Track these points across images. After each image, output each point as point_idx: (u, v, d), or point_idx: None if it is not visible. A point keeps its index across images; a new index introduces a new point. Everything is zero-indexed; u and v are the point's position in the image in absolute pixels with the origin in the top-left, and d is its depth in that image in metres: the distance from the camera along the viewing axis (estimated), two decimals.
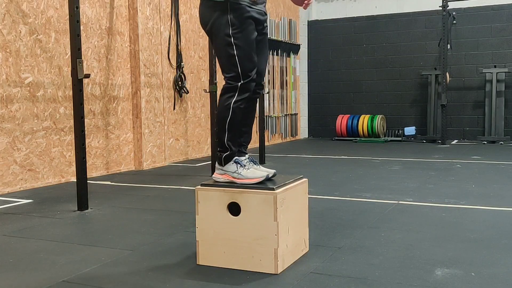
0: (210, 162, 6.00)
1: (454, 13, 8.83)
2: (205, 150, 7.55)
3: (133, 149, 6.31)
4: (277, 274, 2.48)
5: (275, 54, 9.45)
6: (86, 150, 4.38)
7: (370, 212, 3.80)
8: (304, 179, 2.85)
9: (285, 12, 9.86)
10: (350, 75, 10.26)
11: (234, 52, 2.58)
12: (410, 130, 9.43)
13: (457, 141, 9.31)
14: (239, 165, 2.64)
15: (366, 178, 5.31)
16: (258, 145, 6.66)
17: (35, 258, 2.81)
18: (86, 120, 5.43)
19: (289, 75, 9.98)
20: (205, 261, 2.64)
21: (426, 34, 9.62)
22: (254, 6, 2.63)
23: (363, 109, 10.14)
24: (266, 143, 8.46)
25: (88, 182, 4.08)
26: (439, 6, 8.74)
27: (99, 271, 2.58)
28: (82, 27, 5.48)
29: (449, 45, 8.72)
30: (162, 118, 6.59)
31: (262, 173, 2.64)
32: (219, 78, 6.34)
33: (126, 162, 6.21)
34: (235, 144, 2.67)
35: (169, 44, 6.71)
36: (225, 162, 2.66)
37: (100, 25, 5.81)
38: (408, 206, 3.97)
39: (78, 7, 3.91)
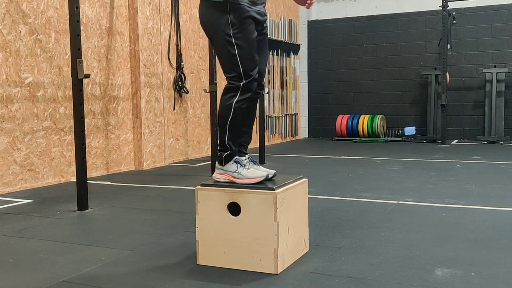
0: (210, 162, 6.00)
1: (454, 13, 8.83)
2: (205, 150, 7.55)
3: (133, 149, 6.31)
4: (277, 274, 2.48)
5: (275, 54, 9.45)
6: (86, 150, 4.38)
7: (370, 212, 3.80)
8: (304, 179, 2.84)
9: (285, 12, 9.86)
10: (350, 75, 10.26)
11: (235, 51, 2.58)
12: (410, 130, 9.43)
13: (457, 141, 9.32)
14: (239, 164, 2.63)
15: (366, 178, 5.31)
16: (258, 145, 6.66)
17: (35, 258, 2.81)
18: (86, 120, 5.43)
19: (289, 75, 9.98)
20: (205, 261, 2.64)
21: (426, 34, 9.62)
22: (254, 6, 2.63)
23: (363, 109, 10.14)
24: (266, 143, 8.46)
25: (88, 182, 4.08)
26: (439, 6, 8.74)
27: (99, 271, 2.58)
28: (82, 27, 5.48)
29: (449, 45, 8.72)
30: (162, 118, 6.59)
31: (262, 173, 2.64)
32: (219, 78, 6.35)
33: (126, 162, 6.21)
34: (236, 144, 2.67)
35: (169, 44, 6.71)
36: (225, 161, 2.66)
37: (100, 25, 5.81)
38: (408, 206, 3.97)
39: (78, 7, 3.91)
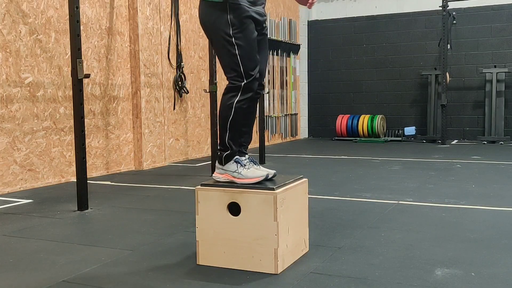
0: (210, 162, 6.00)
1: (454, 13, 8.83)
2: (205, 150, 7.55)
3: (133, 149, 6.31)
4: (277, 274, 2.48)
5: (275, 54, 9.45)
6: (86, 150, 4.38)
7: (370, 212, 3.79)
8: (304, 179, 2.84)
9: (285, 12, 9.86)
10: (350, 75, 10.26)
11: (236, 51, 2.57)
12: (410, 130, 9.43)
13: (457, 141, 9.31)
14: (239, 164, 2.63)
15: (366, 178, 5.31)
16: (258, 145, 6.66)
17: (35, 258, 2.81)
18: (86, 120, 5.43)
19: (289, 75, 9.98)
20: (205, 261, 2.64)
21: (426, 34, 9.62)
22: (253, 6, 2.63)
23: (363, 109, 10.14)
24: (266, 143, 8.46)
25: (88, 182, 4.08)
26: (439, 6, 8.74)
27: (99, 271, 2.58)
28: (82, 27, 5.48)
29: (449, 45, 8.72)
30: (162, 118, 6.59)
31: (262, 172, 2.64)
32: (219, 78, 6.35)
33: (126, 162, 6.21)
34: (236, 143, 2.67)
35: (169, 44, 6.71)
36: (225, 161, 2.66)
37: (100, 25, 5.81)
38: (408, 206, 3.97)
39: (78, 7, 3.91)
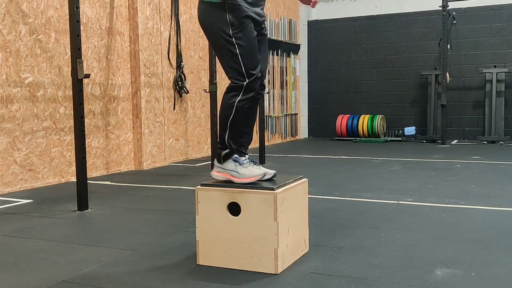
0: (210, 162, 6.00)
1: (454, 13, 8.83)
2: (205, 150, 7.55)
3: (133, 149, 6.31)
4: (277, 274, 2.48)
5: (275, 54, 9.45)
6: (86, 150, 4.38)
7: (370, 212, 3.79)
8: (304, 179, 2.84)
9: (285, 12, 9.85)
10: (350, 75, 10.26)
11: (237, 51, 2.58)
12: (410, 130, 9.43)
13: (457, 141, 9.32)
14: (238, 163, 2.64)
15: (366, 178, 5.31)
16: (258, 145, 6.66)
17: (35, 258, 2.81)
18: (86, 120, 5.43)
19: (289, 75, 9.98)
20: (205, 261, 2.64)
21: (426, 34, 9.62)
22: (251, 7, 2.64)
23: (363, 109, 10.14)
24: (266, 143, 8.46)
25: (88, 182, 4.07)
26: (439, 6, 8.74)
27: (99, 271, 2.58)
28: (82, 27, 5.48)
29: (449, 45, 8.71)
30: (162, 118, 6.59)
31: (260, 171, 2.64)
32: (219, 78, 6.35)
33: (126, 162, 6.21)
34: (236, 142, 2.67)
35: (169, 44, 6.71)
36: (224, 160, 2.67)
37: (100, 25, 5.81)
38: (408, 206, 3.97)
39: (78, 7, 3.91)
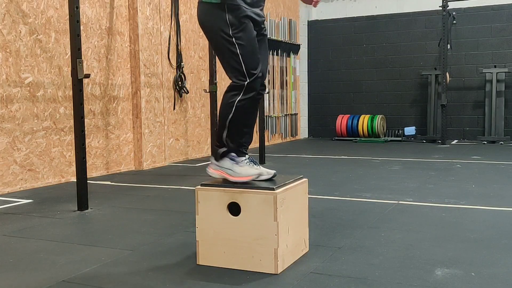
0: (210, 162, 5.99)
1: (454, 13, 8.83)
2: (205, 150, 7.55)
3: (133, 149, 6.31)
4: (277, 274, 2.48)
5: (275, 54, 9.45)
6: (86, 150, 4.38)
7: (370, 212, 3.79)
8: (304, 179, 2.84)
9: (285, 12, 9.85)
10: (350, 75, 10.26)
11: (237, 51, 2.58)
12: (410, 130, 9.43)
13: (457, 141, 9.31)
14: (234, 162, 2.66)
15: (366, 178, 5.31)
16: (258, 145, 6.66)
17: (35, 258, 2.81)
18: (86, 120, 5.43)
19: (289, 75, 9.98)
20: (205, 261, 2.64)
21: (426, 34, 9.62)
22: (251, 7, 2.64)
23: (363, 109, 10.14)
24: (266, 143, 8.46)
25: (88, 182, 4.07)
26: (439, 6, 8.74)
27: (99, 271, 2.58)
28: (82, 27, 5.48)
29: (449, 45, 8.71)
30: (162, 118, 6.59)
31: (255, 171, 2.65)
32: (219, 78, 6.35)
33: (126, 162, 6.21)
34: (233, 141, 2.68)
35: (169, 44, 6.71)
36: (220, 157, 2.69)
37: (100, 25, 5.81)
38: (408, 206, 3.97)
39: (78, 7, 3.91)
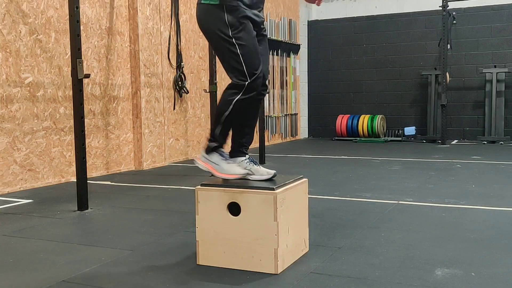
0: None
1: (454, 13, 8.83)
2: None
3: (133, 149, 6.31)
4: (277, 274, 2.48)
5: (275, 54, 9.45)
6: (86, 150, 4.38)
7: (370, 212, 3.79)
8: (304, 179, 2.84)
9: (285, 12, 9.85)
10: (350, 75, 10.26)
11: (238, 51, 2.59)
12: (410, 130, 9.43)
13: (457, 141, 9.31)
14: (222, 157, 2.70)
15: (366, 178, 5.31)
16: (258, 145, 6.66)
17: (35, 258, 2.81)
18: (86, 120, 5.43)
19: (289, 75, 9.98)
20: (205, 261, 2.64)
21: (426, 34, 9.62)
22: (249, 9, 2.64)
23: (363, 109, 10.14)
24: (266, 143, 8.46)
25: (88, 182, 4.08)
26: (439, 6, 8.74)
27: (99, 271, 2.58)
28: (82, 27, 5.48)
29: (449, 45, 8.71)
30: (162, 118, 6.59)
31: (241, 170, 2.68)
32: (219, 78, 6.35)
33: (126, 162, 6.21)
34: (226, 138, 2.73)
35: (169, 44, 6.71)
36: (210, 151, 2.71)
37: (100, 25, 5.81)
38: (408, 206, 3.97)
39: (78, 7, 3.91)
